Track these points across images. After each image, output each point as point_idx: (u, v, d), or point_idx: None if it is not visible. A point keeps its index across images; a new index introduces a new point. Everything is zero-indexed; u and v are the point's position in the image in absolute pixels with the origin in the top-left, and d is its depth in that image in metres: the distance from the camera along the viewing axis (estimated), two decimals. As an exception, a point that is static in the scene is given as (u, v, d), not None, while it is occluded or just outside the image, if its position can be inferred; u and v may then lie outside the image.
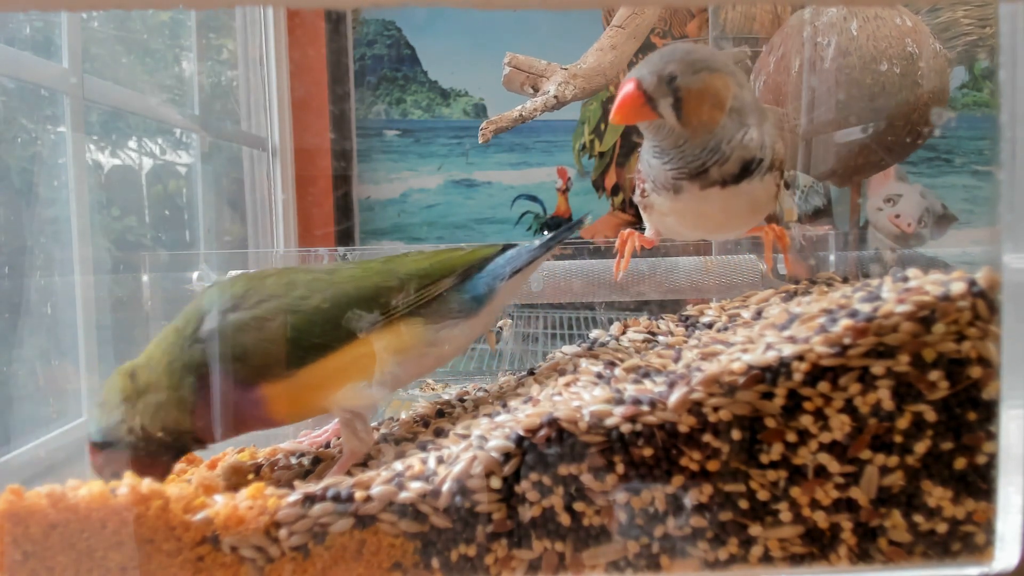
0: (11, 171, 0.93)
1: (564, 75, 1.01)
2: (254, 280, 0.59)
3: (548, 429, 0.49)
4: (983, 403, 0.47)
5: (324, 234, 1.78)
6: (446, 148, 2.02)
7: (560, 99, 0.99)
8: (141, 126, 1.37)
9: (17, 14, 0.89)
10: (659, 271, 0.87)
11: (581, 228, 0.68)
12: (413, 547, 0.49)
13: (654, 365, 0.57)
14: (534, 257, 0.65)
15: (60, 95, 0.96)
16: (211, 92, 1.56)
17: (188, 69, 1.48)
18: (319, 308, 0.57)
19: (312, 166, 1.74)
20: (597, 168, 2.03)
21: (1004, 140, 0.45)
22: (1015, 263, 0.46)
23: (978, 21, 1.26)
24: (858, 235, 1.38)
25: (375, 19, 2.00)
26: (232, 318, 0.56)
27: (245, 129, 1.65)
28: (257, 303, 0.57)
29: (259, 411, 0.56)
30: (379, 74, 2.01)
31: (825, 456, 0.48)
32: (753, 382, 0.48)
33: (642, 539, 0.49)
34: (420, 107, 2.02)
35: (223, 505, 0.49)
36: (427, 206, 2.02)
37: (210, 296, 0.59)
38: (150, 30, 1.42)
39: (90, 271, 0.96)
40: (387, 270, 0.61)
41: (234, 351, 0.55)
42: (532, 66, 1.02)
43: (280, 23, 1.62)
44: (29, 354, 0.87)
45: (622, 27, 1.06)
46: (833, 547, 0.48)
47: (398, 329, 0.59)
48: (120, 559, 0.47)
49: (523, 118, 0.97)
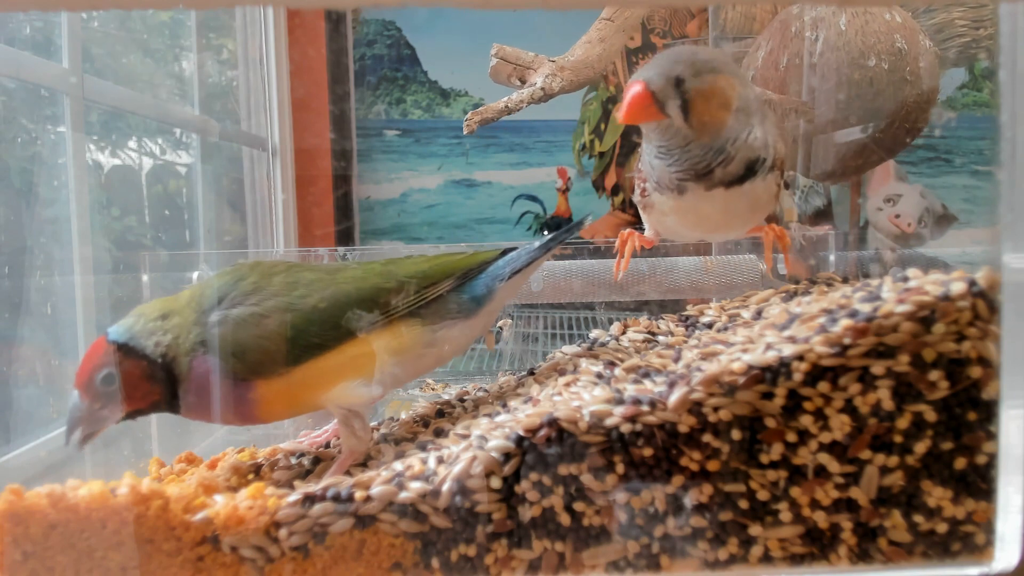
0: (11, 171, 0.93)
1: (552, 67, 1.00)
2: (264, 277, 0.60)
3: (548, 429, 0.49)
4: (983, 403, 0.47)
5: (324, 234, 1.78)
6: (446, 148, 2.02)
7: (547, 91, 0.98)
8: (141, 126, 1.37)
9: (17, 14, 0.89)
10: (659, 271, 0.87)
11: (581, 229, 0.68)
12: (413, 547, 0.49)
13: (654, 365, 0.57)
14: (533, 258, 0.65)
15: (60, 95, 0.95)
16: (211, 92, 1.56)
17: (188, 69, 1.48)
18: (316, 307, 0.57)
19: (312, 166, 1.74)
20: (597, 168, 2.03)
21: (1004, 140, 0.45)
22: (1015, 263, 0.46)
23: (972, 22, 1.26)
24: (858, 235, 1.38)
25: (375, 19, 2.00)
26: (234, 313, 0.57)
27: (245, 129, 1.65)
28: (260, 300, 0.57)
29: (250, 407, 0.56)
30: (379, 74, 2.01)
31: (825, 456, 0.48)
32: (753, 382, 0.48)
33: (642, 539, 0.49)
34: (420, 107, 2.02)
35: (223, 505, 0.49)
36: (427, 206, 2.02)
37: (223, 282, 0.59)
38: (150, 30, 1.42)
39: (90, 271, 0.96)
40: (387, 271, 0.61)
41: (231, 346, 0.56)
42: (519, 58, 1.01)
43: (280, 23, 1.62)
44: (29, 354, 0.87)
45: (611, 20, 1.06)
46: (833, 547, 0.48)
47: (396, 329, 0.59)
48: (120, 559, 0.47)
49: (509, 109, 0.96)
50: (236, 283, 0.58)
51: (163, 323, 0.57)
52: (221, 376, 0.56)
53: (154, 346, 0.56)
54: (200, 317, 0.57)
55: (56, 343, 0.91)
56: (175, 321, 0.57)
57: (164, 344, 0.56)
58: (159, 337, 0.56)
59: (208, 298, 0.58)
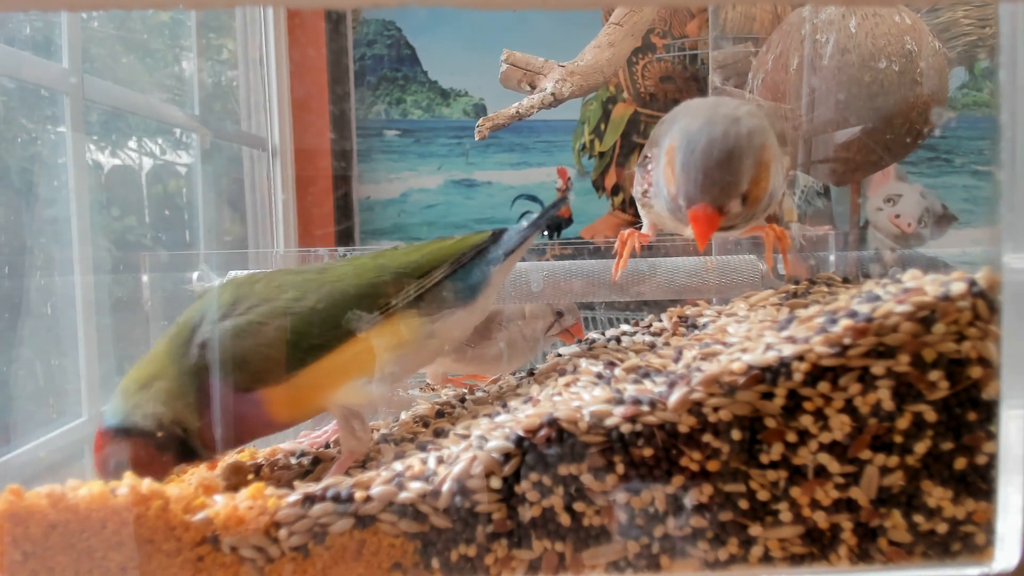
0: (11, 171, 0.93)
1: (561, 72, 1.00)
2: (243, 287, 0.58)
3: (548, 429, 0.49)
4: (983, 403, 0.47)
5: (324, 234, 1.79)
6: (446, 148, 2.02)
7: (557, 96, 0.99)
8: (141, 126, 1.37)
9: (17, 14, 0.89)
10: (659, 271, 0.87)
11: (566, 204, 0.69)
12: (413, 547, 0.49)
13: (654, 365, 0.57)
14: (525, 237, 0.64)
15: (60, 95, 0.95)
16: (211, 92, 1.56)
17: (188, 69, 1.48)
18: (314, 309, 0.56)
19: (312, 166, 1.74)
20: (597, 168, 2.03)
21: (1004, 140, 0.45)
22: (1015, 263, 0.46)
23: (978, 21, 1.26)
24: (858, 235, 1.38)
25: (375, 19, 2.00)
26: (224, 326, 0.55)
27: (245, 129, 1.65)
28: (249, 308, 0.56)
29: (261, 416, 0.56)
30: (379, 74, 2.01)
31: (825, 456, 0.48)
32: (753, 382, 0.48)
33: (642, 539, 0.49)
34: (420, 107, 2.02)
35: (223, 505, 0.49)
36: (427, 206, 2.02)
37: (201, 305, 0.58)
38: (150, 30, 1.42)
39: (90, 271, 0.96)
40: (378, 266, 0.60)
41: (231, 359, 0.55)
42: (529, 63, 1.02)
43: (280, 23, 1.62)
44: (29, 354, 0.87)
45: (620, 24, 1.06)
46: (833, 547, 0.48)
47: (395, 324, 0.58)
48: (120, 559, 0.47)
49: (520, 115, 0.96)
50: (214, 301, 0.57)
51: (148, 392, 0.55)
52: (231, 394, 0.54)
53: (148, 420, 0.54)
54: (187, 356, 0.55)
55: (56, 343, 0.91)
56: (159, 386, 0.55)
57: (158, 414, 0.54)
58: (148, 409, 0.54)
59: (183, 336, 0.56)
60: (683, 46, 1.96)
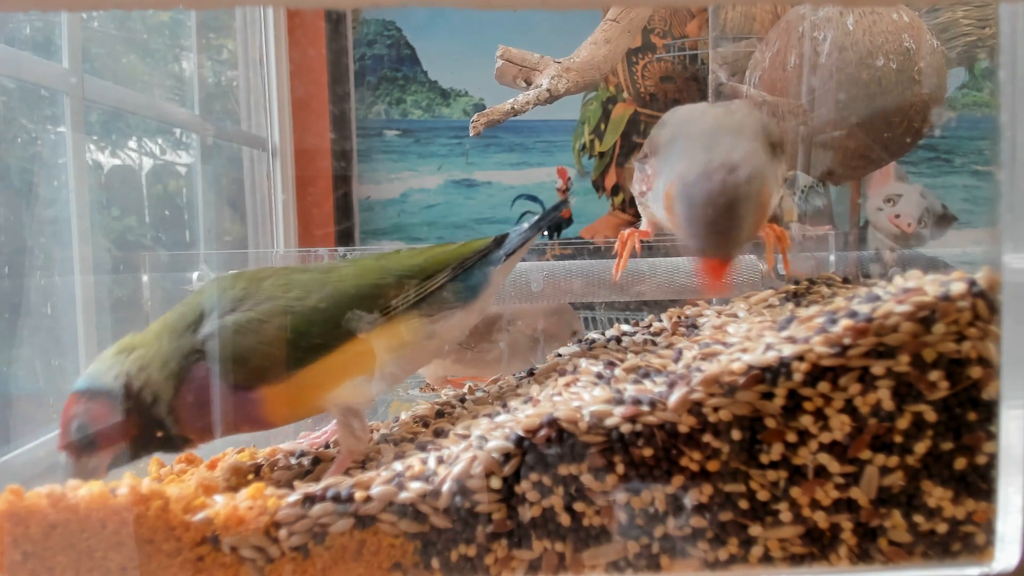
0: (11, 171, 0.93)
1: (557, 68, 1.00)
2: (252, 282, 0.59)
3: (548, 429, 0.49)
4: (983, 403, 0.47)
5: (324, 234, 1.78)
6: (446, 148, 2.02)
7: (553, 92, 0.98)
8: (141, 126, 1.37)
9: (17, 14, 0.89)
10: (659, 271, 0.87)
11: (567, 206, 0.69)
12: (413, 547, 0.49)
13: (654, 365, 0.57)
14: (525, 239, 0.65)
15: (60, 95, 0.95)
16: (211, 92, 1.56)
17: (188, 69, 1.48)
18: (316, 308, 0.57)
19: (312, 166, 1.74)
20: (597, 168, 2.03)
21: (1004, 140, 0.45)
22: (1015, 263, 0.46)
23: (977, 21, 1.26)
24: (858, 235, 1.38)
25: (375, 19, 2.00)
26: (230, 320, 0.56)
27: (245, 129, 1.65)
28: (254, 305, 0.56)
29: (255, 413, 0.56)
30: (379, 74, 2.01)
31: (825, 456, 0.48)
32: (753, 382, 0.48)
33: (642, 539, 0.49)
34: (420, 107, 2.02)
35: (223, 505, 0.49)
36: (427, 206, 2.02)
37: (209, 295, 0.58)
38: (150, 30, 1.41)
39: (90, 271, 0.96)
40: (382, 267, 0.61)
41: (232, 354, 0.55)
42: (525, 59, 1.01)
43: (280, 23, 1.62)
44: (29, 354, 0.87)
45: (616, 21, 1.05)
46: (833, 547, 0.48)
47: (395, 324, 0.59)
48: (120, 559, 0.47)
49: (515, 111, 0.96)
50: (224, 292, 0.57)
51: (121, 357, 0.55)
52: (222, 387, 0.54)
53: (113, 379, 0.54)
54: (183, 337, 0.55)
55: (56, 343, 0.91)
56: (139, 352, 0.55)
57: (125, 373, 0.54)
58: (117, 369, 0.54)
59: (188, 316, 0.56)
60: (683, 46, 1.96)
